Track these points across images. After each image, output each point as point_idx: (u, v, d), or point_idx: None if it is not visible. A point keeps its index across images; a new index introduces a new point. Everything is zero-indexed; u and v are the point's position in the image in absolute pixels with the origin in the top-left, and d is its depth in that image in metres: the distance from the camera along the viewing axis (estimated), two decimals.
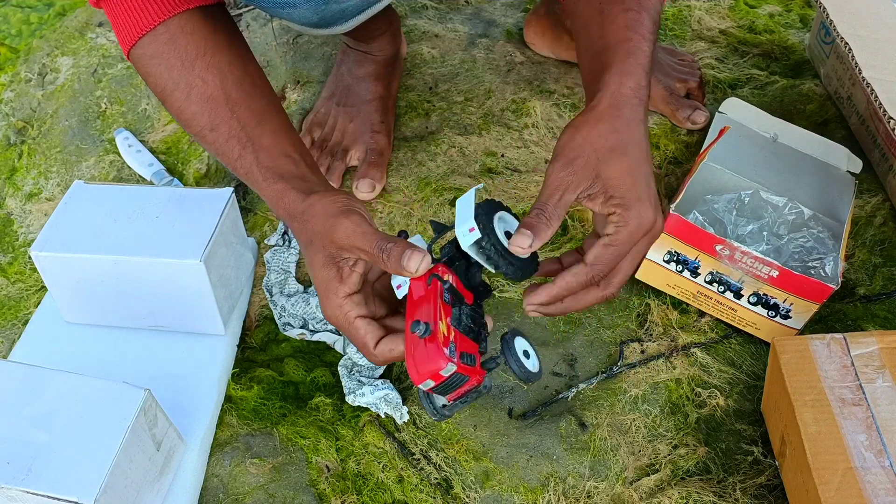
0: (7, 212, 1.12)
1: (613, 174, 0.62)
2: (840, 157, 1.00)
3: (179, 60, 0.72)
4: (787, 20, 1.29)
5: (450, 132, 1.09)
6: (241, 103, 0.73)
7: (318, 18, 0.82)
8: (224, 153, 0.73)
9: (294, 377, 0.90)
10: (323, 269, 0.66)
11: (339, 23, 0.86)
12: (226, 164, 0.74)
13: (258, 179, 0.72)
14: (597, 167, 0.62)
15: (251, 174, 0.72)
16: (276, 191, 0.71)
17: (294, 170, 0.72)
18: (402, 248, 0.63)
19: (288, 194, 0.70)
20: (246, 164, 0.72)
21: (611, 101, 0.65)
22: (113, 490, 0.68)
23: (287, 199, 0.70)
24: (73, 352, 0.90)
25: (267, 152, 0.73)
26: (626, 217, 0.62)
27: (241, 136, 0.72)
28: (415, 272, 0.62)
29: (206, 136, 0.73)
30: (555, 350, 0.89)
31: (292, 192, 0.70)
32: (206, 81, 0.72)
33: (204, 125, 0.73)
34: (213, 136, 0.73)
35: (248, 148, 0.72)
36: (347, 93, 1.09)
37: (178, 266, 0.82)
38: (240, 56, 0.76)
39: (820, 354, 0.77)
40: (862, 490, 0.67)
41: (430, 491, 0.80)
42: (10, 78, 1.29)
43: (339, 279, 0.66)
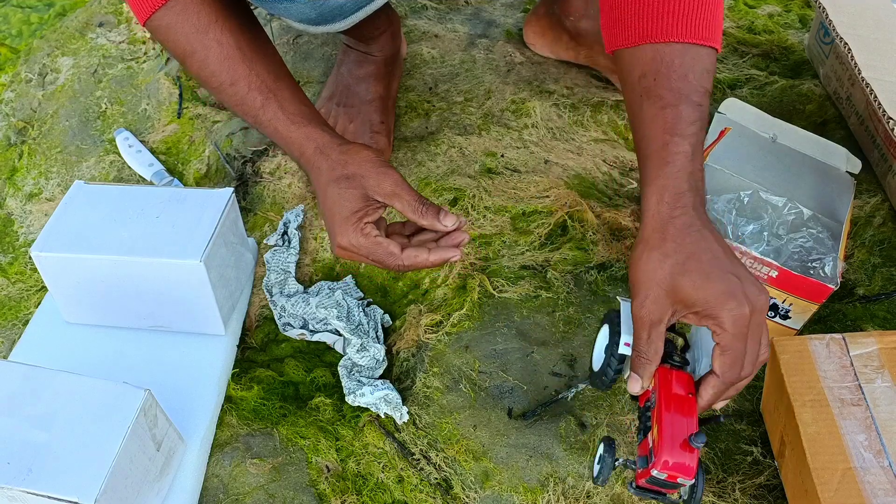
0: (7, 212, 1.12)
1: (686, 294, 0.64)
2: (839, 158, 1.00)
3: (194, 28, 0.76)
4: (787, 20, 1.29)
5: (450, 132, 1.09)
6: (257, 60, 0.78)
7: (315, 14, 0.83)
8: (246, 104, 0.78)
9: (294, 377, 0.90)
10: (352, 202, 0.75)
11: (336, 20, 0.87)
12: (247, 115, 0.79)
13: (285, 124, 0.78)
14: (669, 296, 0.64)
15: (276, 119, 0.78)
16: (306, 133, 0.77)
17: (318, 117, 0.80)
18: (437, 208, 0.75)
19: (320, 135, 0.77)
20: (270, 111, 0.78)
21: (654, 224, 0.66)
22: (113, 490, 0.68)
23: (320, 139, 0.77)
24: (73, 352, 0.90)
25: (290, 101, 0.79)
26: (720, 322, 0.63)
27: (262, 88, 0.78)
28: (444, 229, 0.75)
29: (226, 90, 0.78)
30: (555, 350, 0.89)
31: (326, 134, 0.78)
32: (221, 43, 0.77)
33: (224, 81, 0.78)
34: (233, 89, 0.78)
35: (271, 98, 0.78)
36: (347, 93, 1.09)
37: (179, 266, 0.82)
38: (250, 20, 0.81)
39: (819, 355, 0.77)
40: (861, 490, 0.67)
41: (429, 491, 0.80)
42: (10, 78, 1.29)
43: (365, 212, 0.75)
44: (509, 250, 0.97)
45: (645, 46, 0.71)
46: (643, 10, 0.71)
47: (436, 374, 0.87)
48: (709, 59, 0.70)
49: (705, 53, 0.70)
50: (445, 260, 0.78)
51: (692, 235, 0.65)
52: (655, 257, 0.65)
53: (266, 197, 1.06)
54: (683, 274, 0.64)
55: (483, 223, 0.99)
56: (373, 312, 0.93)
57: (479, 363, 0.88)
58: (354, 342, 0.88)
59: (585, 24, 1.14)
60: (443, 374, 0.87)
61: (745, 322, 0.63)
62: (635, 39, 0.71)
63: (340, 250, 0.77)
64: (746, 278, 0.64)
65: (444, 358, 0.88)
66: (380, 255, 0.75)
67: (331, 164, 0.77)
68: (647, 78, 0.70)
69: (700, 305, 0.64)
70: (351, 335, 0.89)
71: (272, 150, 1.10)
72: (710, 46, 0.70)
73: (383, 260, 0.76)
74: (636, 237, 0.68)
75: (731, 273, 0.64)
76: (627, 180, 1.05)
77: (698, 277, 0.64)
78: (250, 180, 1.08)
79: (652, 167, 0.68)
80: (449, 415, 0.84)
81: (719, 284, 0.63)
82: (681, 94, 0.69)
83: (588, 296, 0.93)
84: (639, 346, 0.66)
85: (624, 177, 1.06)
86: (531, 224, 0.99)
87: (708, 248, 0.65)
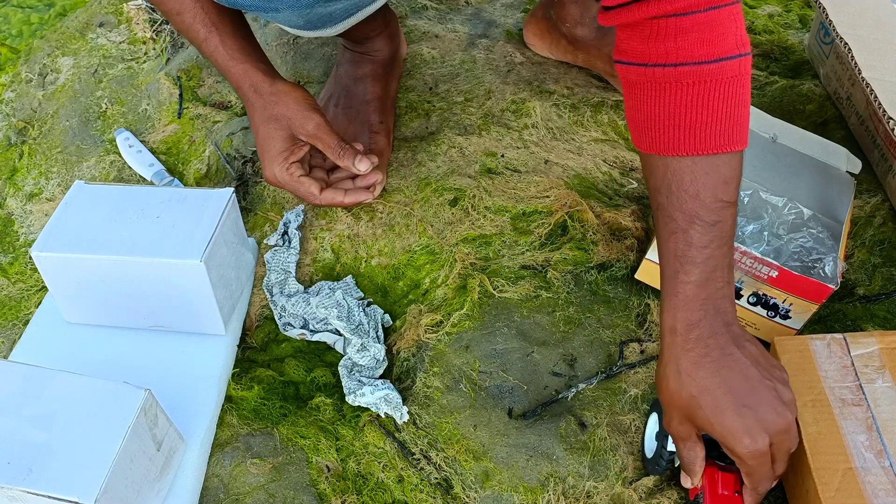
0: (8, 212, 1.12)
1: (704, 426, 0.66)
2: (839, 158, 1.00)
3: None
4: (787, 20, 1.29)
5: (450, 132, 1.09)
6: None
7: (303, 22, 0.84)
8: (190, 34, 0.85)
9: (294, 377, 0.90)
10: (279, 142, 0.85)
11: (327, 26, 0.88)
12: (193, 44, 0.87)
13: (224, 58, 0.85)
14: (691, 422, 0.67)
15: (217, 53, 0.85)
16: (243, 69, 0.85)
17: (257, 54, 0.87)
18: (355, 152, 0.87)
19: (255, 74, 0.85)
20: (211, 45, 0.85)
21: (669, 353, 0.67)
22: (113, 490, 0.68)
23: (255, 77, 0.85)
24: (73, 352, 0.90)
25: (231, 37, 0.85)
26: (737, 455, 0.65)
27: (206, 21, 0.84)
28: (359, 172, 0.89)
29: (174, 19, 0.85)
30: (555, 350, 0.89)
31: (259, 73, 0.85)
32: None
33: (171, 9, 0.85)
34: (180, 19, 0.84)
35: (213, 32, 0.84)
36: (346, 94, 1.09)
37: (179, 266, 0.82)
38: None
39: (820, 354, 0.77)
40: (862, 490, 0.67)
41: (430, 491, 0.80)
42: (10, 78, 1.29)
43: (291, 151, 0.86)
44: (509, 250, 0.97)
45: (656, 158, 0.67)
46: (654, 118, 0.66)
47: (436, 374, 0.87)
48: (729, 168, 0.65)
49: (723, 161, 0.65)
50: (359, 202, 0.91)
51: (705, 370, 0.65)
52: (674, 384, 0.67)
53: (266, 197, 1.06)
54: (698, 408, 0.65)
55: (483, 223, 0.99)
56: (373, 312, 0.93)
57: (479, 363, 0.88)
58: (355, 342, 0.88)
59: (581, 32, 1.13)
60: (443, 374, 0.87)
61: (763, 454, 0.64)
62: (647, 147, 0.68)
63: (269, 181, 0.89)
64: (763, 406, 0.63)
65: (445, 358, 0.88)
66: (301, 192, 0.88)
67: (262, 104, 0.85)
68: (661, 194, 0.67)
69: (716, 437, 0.65)
70: (351, 335, 0.89)
71: None
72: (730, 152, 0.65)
73: (305, 197, 0.89)
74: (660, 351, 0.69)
75: (745, 406, 0.63)
76: (627, 180, 1.05)
77: (711, 413, 0.64)
78: (250, 180, 1.08)
79: (665, 295, 0.68)
80: (449, 415, 0.84)
81: (733, 421, 0.63)
82: (692, 217, 0.65)
83: (588, 296, 0.93)
84: (681, 455, 0.70)
85: (624, 177, 1.06)
86: (531, 224, 0.99)
87: (724, 382, 0.64)
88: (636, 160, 1.08)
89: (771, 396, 0.64)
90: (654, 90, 0.65)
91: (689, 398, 0.65)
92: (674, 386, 0.66)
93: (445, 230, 0.99)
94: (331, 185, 0.93)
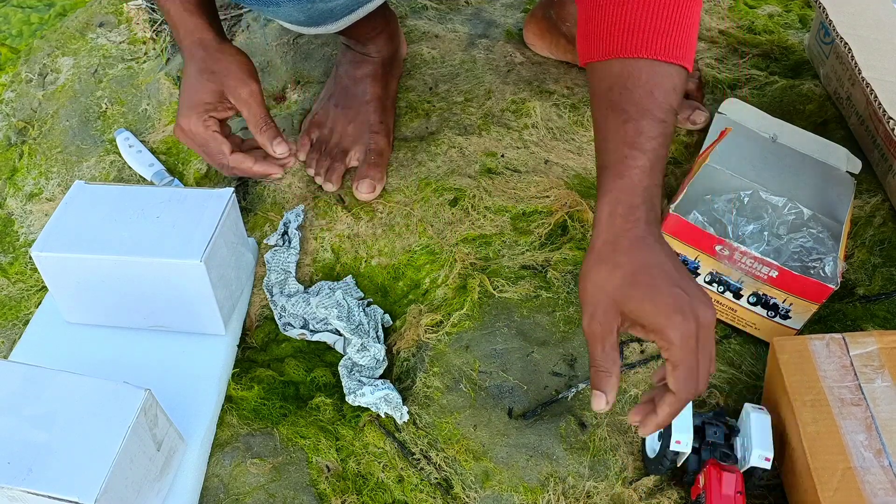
0: (8, 212, 1.12)
1: (633, 308, 0.63)
2: (839, 158, 1.00)
3: None
4: (787, 20, 1.29)
5: (450, 132, 1.09)
6: None
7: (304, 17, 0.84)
8: None
9: (294, 377, 0.90)
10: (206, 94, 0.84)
11: (327, 22, 0.88)
12: None
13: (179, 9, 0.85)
14: (617, 307, 0.64)
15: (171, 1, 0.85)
16: (197, 23, 0.85)
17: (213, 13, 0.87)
18: (277, 132, 0.87)
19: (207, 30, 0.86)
20: None
21: (606, 236, 0.66)
22: (113, 490, 0.68)
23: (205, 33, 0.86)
24: (73, 352, 0.90)
25: None
26: (667, 337, 0.62)
27: None
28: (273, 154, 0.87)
29: None
30: (555, 350, 0.89)
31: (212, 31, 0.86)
32: None
33: None
34: None
35: None
36: (345, 94, 1.09)
37: (179, 266, 0.82)
38: None
39: (819, 354, 0.77)
40: (861, 490, 0.68)
41: (430, 491, 0.80)
42: (10, 78, 1.29)
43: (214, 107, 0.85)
44: (509, 250, 0.97)
45: (614, 61, 0.70)
46: (615, 26, 0.70)
47: (436, 374, 0.87)
48: (677, 78, 0.70)
49: (674, 72, 0.70)
50: (268, 173, 0.89)
51: (643, 249, 0.65)
52: (606, 269, 0.65)
53: (266, 197, 1.06)
54: (633, 286, 0.63)
55: (483, 223, 0.99)
56: (373, 312, 0.93)
57: (479, 363, 0.88)
58: (355, 342, 0.88)
59: None
60: (443, 374, 0.87)
61: (692, 336, 0.62)
62: (606, 53, 0.71)
63: (179, 131, 0.87)
64: (695, 293, 0.63)
65: (445, 358, 0.88)
66: (211, 149, 0.86)
67: (203, 56, 0.85)
68: (614, 91, 0.70)
69: (647, 319, 0.63)
70: (351, 335, 0.89)
71: None
72: (679, 65, 0.70)
73: (213, 155, 0.87)
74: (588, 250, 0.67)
75: (679, 287, 0.63)
76: None
77: (647, 290, 0.63)
78: (250, 180, 1.08)
79: (608, 179, 0.68)
80: (449, 415, 0.84)
81: (667, 298, 0.62)
82: (644, 110, 0.68)
83: None
84: (595, 360, 0.65)
85: None
86: (531, 224, 0.99)
87: (658, 263, 0.64)
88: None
89: (699, 289, 0.65)
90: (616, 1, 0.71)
91: (623, 277, 0.64)
92: (607, 269, 0.65)
93: (445, 230, 0.99)
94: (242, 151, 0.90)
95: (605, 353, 0.65)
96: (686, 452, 0.75)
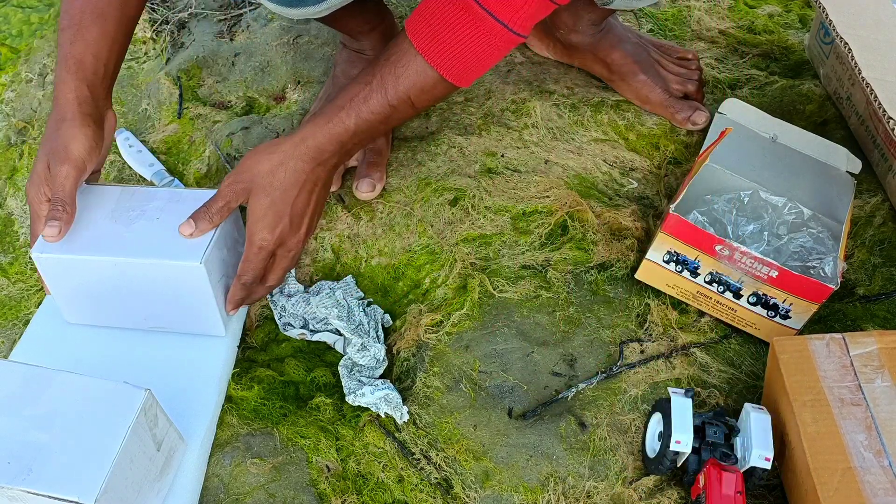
0: (8, 212, 1.12)
1: (252, 203, 0.82)
2: (839, 158, 1.00)
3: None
4: (787, 20, 1.29)
5: (450, 132, 1.09)
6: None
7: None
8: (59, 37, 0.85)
9: (294, 377, 0.90)
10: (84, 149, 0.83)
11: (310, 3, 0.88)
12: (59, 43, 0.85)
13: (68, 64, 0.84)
14: (248, 193, 0.82)
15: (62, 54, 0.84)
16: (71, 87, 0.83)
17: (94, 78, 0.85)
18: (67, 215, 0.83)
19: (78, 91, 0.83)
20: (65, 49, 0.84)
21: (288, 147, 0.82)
22: (113, 490, 0.68)
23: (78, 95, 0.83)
24: (73, 352, 0.90)
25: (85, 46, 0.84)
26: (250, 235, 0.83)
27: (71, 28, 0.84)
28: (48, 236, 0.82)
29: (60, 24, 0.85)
30: (555, 350, 0.89)
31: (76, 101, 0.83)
32: None
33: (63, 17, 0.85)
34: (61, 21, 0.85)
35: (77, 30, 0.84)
36: None
37: (179, 268, 0.82)
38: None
39: (819, 354, 0.77)
40: (861, 490, 0.68)
41: (430, 491, 0.80)
42: (10, 78, 1.29)
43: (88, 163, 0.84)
44: (509, 250, 0.97)
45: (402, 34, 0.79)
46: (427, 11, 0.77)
47: (436, 374, 0.87)
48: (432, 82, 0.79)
49: (432, 76, 0.78)
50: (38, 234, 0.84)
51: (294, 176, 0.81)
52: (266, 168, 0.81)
53: None
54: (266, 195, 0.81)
55: (483, 223, 0.99)
56: (373, 312, 0.93)
57: (479, 363, 0.88)
58: (355, 342, 0.88)
59: (576, 38, 1.14)
60: (443, 374, 0.87)
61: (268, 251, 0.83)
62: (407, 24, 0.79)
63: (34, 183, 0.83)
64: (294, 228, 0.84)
65: (445, 358, 0.88)
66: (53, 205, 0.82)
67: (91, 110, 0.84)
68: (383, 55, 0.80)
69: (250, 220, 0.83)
70: (351, 335, 0.89)
71: None
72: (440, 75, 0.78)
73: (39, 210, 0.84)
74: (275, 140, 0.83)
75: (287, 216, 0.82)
76: (627, 180, 1.05)
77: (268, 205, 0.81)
78: None
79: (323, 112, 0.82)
80: (449, 414, 0.84)
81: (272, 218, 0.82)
82: (383, 88, 0.79)
83: (588, 296, 0.93)
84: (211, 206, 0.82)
85: (624, 177, 1.06)
86: (531, 224, 0.99)
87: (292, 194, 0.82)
88: (636, 160, 1.08)
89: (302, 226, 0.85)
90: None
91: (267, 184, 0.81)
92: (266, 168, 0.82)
93: (445, 230, 0.99)
94: None
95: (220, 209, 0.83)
96: (686, 452, 0.75)
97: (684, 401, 0.76)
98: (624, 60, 1.11)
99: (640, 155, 1.08)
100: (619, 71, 1.11)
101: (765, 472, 0.73)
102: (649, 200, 1.04)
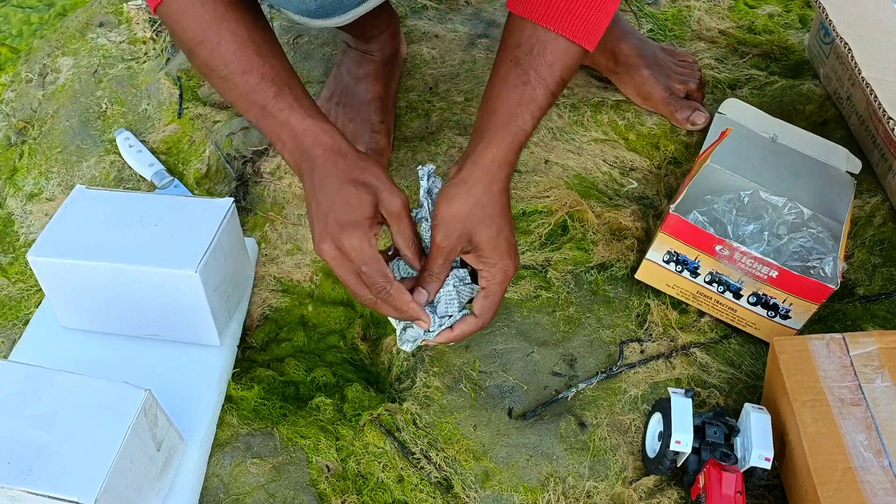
0: (8, 212, 1.12)
1: (483, 240, 0.75)
2: (839, 158, 1.00)
3: (208, 15, 0.76)
4: (787, 20, 1.29)
5: (450, 132, 1.09)
6: (269, 53, 0.79)
7: (315, 6, 0.83)
8: (256, 93, 0.78)
9: (294, 377, 0.90)
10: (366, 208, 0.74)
11: (337, 13, 0.87)
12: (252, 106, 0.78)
13: (300, 115, 0.78)
14: (470, 235, 0.75)
15: (290, 109, 0.78)
16: (322, 128, 0.78)
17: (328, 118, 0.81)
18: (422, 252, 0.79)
19: (338, 137, 0.78)
20: (283, 102, 0.78)
21: (480, 174, 0.76)
22: (113, 490, 0.68)
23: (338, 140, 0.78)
24: (73, 353, 0.89)
25: (303, 96, 0.79)
26: (495, 272, 0.76)
27: (276, 79, 0.78)
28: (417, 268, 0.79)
29: (235, 79, 0.78)
30: (555, 350, 0.89)
31: (342, 137, 0.79)
32: (235, 33, 0.77)
33: (235, 70, 0.77)
34: (245, 78, 0.77)
35: (286, 89, 0.78)
36: (346, 93, 1.09)
37: (174, 276, 0.81)
38: (259, 14, 0.81)
39: (819, 354, 0.77)
40: (861, 490, 0.68)
41: (430, 491, 0.80)
42: (10, 78, 1.29)
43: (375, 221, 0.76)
44: None
45: (528, 22, 0.76)
46: None
47: (436, 374, 0.87)
48: (576, 57, 0.77)
49: (578, 51, 0.76)
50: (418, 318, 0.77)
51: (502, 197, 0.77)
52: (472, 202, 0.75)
53: (266, 197, 1.06)
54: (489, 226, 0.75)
55: None
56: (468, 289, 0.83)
57: (479, 363, 0.88)
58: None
59: None
60: (443, 374, 0.87)
61: (508, 279, 0.77)
62: (526, 12, 0.75)
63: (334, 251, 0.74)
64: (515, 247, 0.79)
65: (445, 357, 0.88)
66: (372, 271, 0.73)
67: (348, 165, 0.76)
68: (521, 50, 0.76)
69: (486, 254, 0.76)
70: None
71: (272, 150, 1.10)
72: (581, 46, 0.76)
73: (372, 279, 0.74)
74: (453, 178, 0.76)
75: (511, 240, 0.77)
76: (627, 180, 1.05)
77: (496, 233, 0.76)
78: (250, 180, 1.08)
79: (495, 127, 0.77)
80: (449, 414, 0.84)
81: (504, 246, 0.76)
82: (542, 80, 0.76)
83: (588, 296, 0.93)
84: (431, 267, 0.76)
85: (624, 177, 1.06)
86: (531, 224, 0.99)
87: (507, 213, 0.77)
88: (636, 160, 1.08)
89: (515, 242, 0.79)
90: None
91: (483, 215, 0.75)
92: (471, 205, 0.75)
93: None
94: None
95: (443, 265, 0.76)
96: (686, 452, 0.75)
97: (684, 401, 0.76)
98: (631, 52, 1.11)
99: (640, 155, 1.08)
100: (626, 63, 1.11)
101: (765, 472, 0.73)
102: (649, 200, 1.04)
